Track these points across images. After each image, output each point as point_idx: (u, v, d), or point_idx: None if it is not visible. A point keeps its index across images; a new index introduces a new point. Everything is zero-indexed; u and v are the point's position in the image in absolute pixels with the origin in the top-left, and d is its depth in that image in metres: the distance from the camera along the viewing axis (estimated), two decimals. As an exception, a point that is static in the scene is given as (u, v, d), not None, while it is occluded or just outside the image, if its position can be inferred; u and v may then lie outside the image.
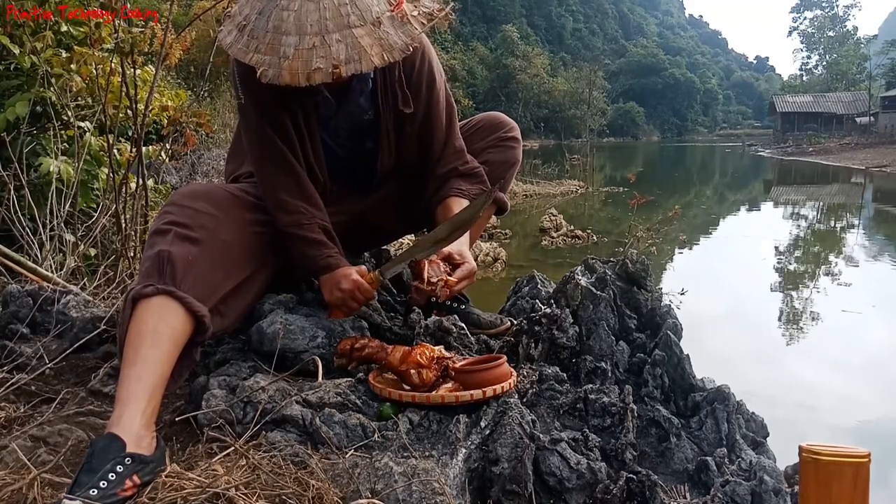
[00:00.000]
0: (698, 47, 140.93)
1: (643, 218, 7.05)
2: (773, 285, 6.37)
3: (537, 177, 15.64)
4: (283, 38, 1.37)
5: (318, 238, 1.65)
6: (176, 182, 6.23)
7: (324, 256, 1.65)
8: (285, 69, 1.36)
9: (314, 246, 1.65)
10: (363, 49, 1.37)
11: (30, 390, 1.65)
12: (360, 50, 1.37)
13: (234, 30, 1.44)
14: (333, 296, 1.64)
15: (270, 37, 1.38)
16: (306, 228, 1.64)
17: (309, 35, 1.36)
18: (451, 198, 1.81)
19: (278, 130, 1.63)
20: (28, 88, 3.15)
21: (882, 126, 42.33)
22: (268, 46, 1.38)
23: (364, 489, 1.16)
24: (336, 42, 1.36)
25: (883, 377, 3.83)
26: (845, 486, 1.00)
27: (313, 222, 1.66)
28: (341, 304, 1.65)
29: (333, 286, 1.63)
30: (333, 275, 1.64)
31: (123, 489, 1.14)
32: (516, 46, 63.58)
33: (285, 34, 1.37)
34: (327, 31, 1.37)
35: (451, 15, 1.51)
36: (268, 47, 1.38)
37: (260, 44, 1.39)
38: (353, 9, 1.39)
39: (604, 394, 1.57)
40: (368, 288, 1.64)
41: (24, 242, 2.87)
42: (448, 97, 1.84)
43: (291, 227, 1.64)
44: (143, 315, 1.37)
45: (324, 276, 1.66)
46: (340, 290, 1.62)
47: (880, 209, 13.33)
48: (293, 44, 1.36)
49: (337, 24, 1.37)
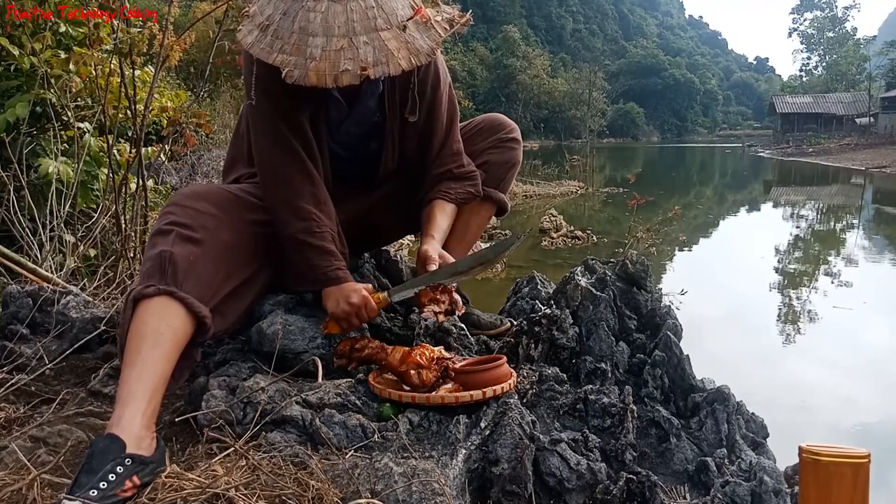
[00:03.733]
0: (698, 48, 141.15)
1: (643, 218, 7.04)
2: (773, 285, 6.37)
3: (537, 177, 15.63)
4: (310, 39, 1.36)
5: (329, 248, 1.62)
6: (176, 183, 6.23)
7: (333, 268, 1.61)
8: (312, 70, 1.34)
9: (324, 256, 1.61)
10: (390, 52, 1.37)
11: (30, 391, 1.65)
12: (388, 53, 1.36)
13: (256, 30, 1.43)
14: (339, 308, 1.58)
15: (296, 37, 1.37)
16: (318, 237, 1.60)
17: (336, 37, 1.36)
18: (437, 201, 1.80)
19: (295, 132, 1.61)
20: (28, 89, 3.15)
21: (882, 127, 42.34)
22: (293, 47, 1.37)
23: (364, 490, 1.16)
24: (364, 44, 1.36)
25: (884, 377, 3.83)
26: (845, 486, 1.00)
27: (325, 231, 1.62)
28: (345, 317, 1.59)
29: (342, 298, 1.58)
30: (342, 287, 1.60)
31: (123, 490, 1.14)
32: (517, 47, 63.60)
33: (312, 35, 1.36)
34: (355, 33, 1.36)
35: (470, 21, 1.51)
36: (293, 48, 1.37)
37: (285, 44, 1.38)
38: (380, 12, 1.39)
39: (604, 394, 1.57)
40: (374, 307, 1.61)
41: (23, 243, 2.87)
42: (452, 99, 1.84)
43: (302, 233, 1.60)
44: (145, 315, 1.37)
45: (331, 287, 1.61)
46: (349, 303, 1.57)
47: (880, 209, 13.33)
48: (320, 45, 1.36)
49: (364, 27, 1.37)
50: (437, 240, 1.73)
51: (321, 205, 1.64)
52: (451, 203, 1.82)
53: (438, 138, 1.81)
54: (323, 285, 1.62)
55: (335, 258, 1.62)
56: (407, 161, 1.85)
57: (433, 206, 1.80)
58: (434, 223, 1.77)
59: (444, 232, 1.79)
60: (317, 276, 1.62)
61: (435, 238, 1.73)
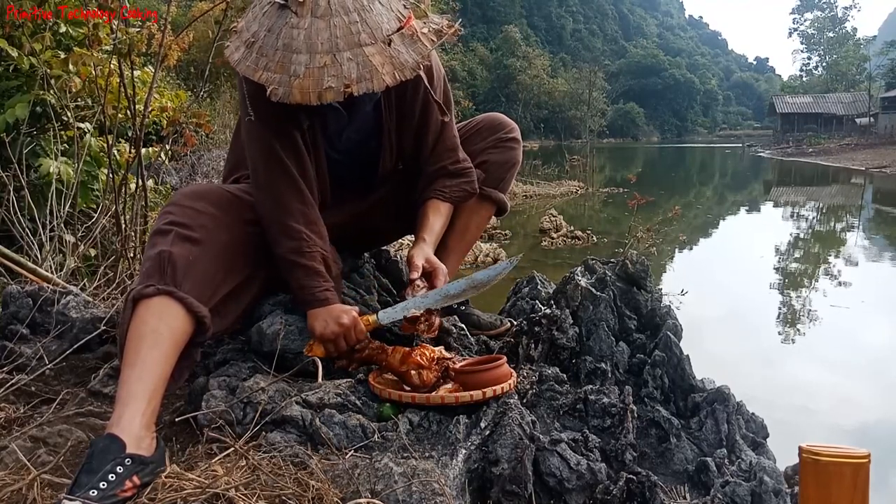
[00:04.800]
0: (698, 48, 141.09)
1: (643, 218, 7.05)
2: (773, 285, 6.37)
3: (537, 177, 15.64)
4: (294, 56, 1.35)
5: (318, 268, 1.59)
6: (176, 183, 6.23)
7: (322, 289, 1.58)
8: (296, 88, 1.33)
9: (313, 276, 1.58)
10: (374, 68, 1.35)
11: (30, 391, 1.65)
12: (372, 69, 1.35)
13: (242, 46, 1.42)
14: (328, 329, 1.54)
15: (280, 55, 1.36)
16: (307, 257, 1.58)
17: (320, 53, 1.34)
18: (431, 200, 1.80)
19: (288, 150, 1.59)
20: (27, 90, 3.15)
21: (882, 127, 42.35)
22: (277, 64, 1.36)
23: (364, 490, 1.16)
24: (347, 61, 1.35)
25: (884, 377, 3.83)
26: (845, 486, 1.00)
27: (315, 251, 1.59)
28: (333, 339, 1.55)
29: (331, 319, 1.54)
30: (330, 309, 1.56)
31: (123, 490, 1.14)
32: (517, 47, 63.60)
33: (295, 52, 1.35)
34: (338, 49, 1.35)
35: (460, 30, 1.50)
36: (277, 65, 1.36)
37: (269, 61, 1.37)
38: (364, 27, 1.37)
39: (604, 394, 1.57)
40: (363, 329, 1.58)
41: (23, 243, 2.87)
42: (446, 94, 1.83)
43: (292, 253, 1.57)
44: (144, 315, 1.37)
45: (318, 308, 1.57)
46: (339, 324, 1.54)
47: (880, 210, 13.33)
48: (304, 62, 1.34)
49: (348, 43, 1.36)
50: (428, 243, 1.72)
51: (311, 225, 1.61)
52: (445, 202, 1.81)
53: (433, 133, 1.80)
54: (311, 306, 1.58)
55: (324, 279, 1.59)
56: (404, 160, 1.85)
57: (427, 207, 1.79)
58: (426, 225, 1.76)
59: (436, 234, 1.78)
60: (305, 296, 1.59)
61: (426, 241, 1.72)
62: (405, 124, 1.76)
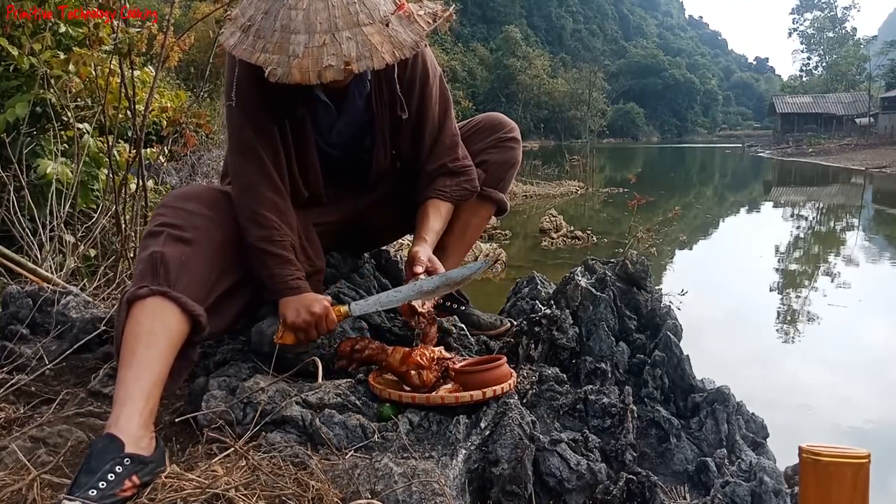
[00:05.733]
0: (698, 48, 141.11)
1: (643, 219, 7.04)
2: (773, 285, 6.37)
3: (537, 177, 15.63)
4: (292, 36, 1.36)
5: (289, 256, 1.59)
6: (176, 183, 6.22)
7: (293, 277, 1.58)
8: (295, 67, 1.34)
9: (284, 265, 1.58)
10: (374, 46, 1.36)
11: (29, 391, 1.65)
12: (371, 47, 1.36)
13: (238, 31, 1.42)
14: (300, 318, 1.53)
15: (278, 36, 1.37)
16: (278, 245, 1.58)
17: (318, 33, 1.35)
18: (431, 200, 1.79)
19: (263, 140, 1.60)
20: (27, 89, 3.15)
21: (882, 127, 42.34)
22: (276, 46, 1.36)
23: (364, 490, 1.16)
24: (346, 39, 1.35)
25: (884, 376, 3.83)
26: (845, 486, 1.00)
27: (285, 240, 1.59)
28: (305, 327, 1.54)
29: (302, 308, 1.54)
30: (302, 297, 1.56)
31: (123, 489, 1.14)
32: (517, 47, 63.59)
33: (294, 33, 1.36)
34: (337, 28, 1.36)
35: (453, 16, 1.50)
36: (276, 46, 1.36)
37: (267, 43, 1.37)
38: (362, 7, 1.38)
39: (604, 395, 1.57)
40: (335, 319, 1.57)
41: (23, 243, 2.87)
42: (444, 93, 1.82)
43: (262, 241, 1.57)
44: (139, 316, 1.38)
45: (290, 297, 1.57)
46: (311, 312, 1.53)
47: (880, 210, 13.33)
48: (303, 42, 1.35)
49: (346, 22, 1.36)
50: (428, 242, 1.72)
51: (282, 214, 1.61)
52: (445, 202, 1.81)
53: (431, 133, 1.80)
54: (282, 294, 1.58)
55: (295, 267, 1.59)
56: (402, 159, 1.85)
57: (427, 207, 1.79)
58: (426, 225, 1.75)
59: (436, 233, 1.78)
60: (276, 285, 1.58)
61: (426, 241, 1.72)
62: (401, 124, 1.75)
